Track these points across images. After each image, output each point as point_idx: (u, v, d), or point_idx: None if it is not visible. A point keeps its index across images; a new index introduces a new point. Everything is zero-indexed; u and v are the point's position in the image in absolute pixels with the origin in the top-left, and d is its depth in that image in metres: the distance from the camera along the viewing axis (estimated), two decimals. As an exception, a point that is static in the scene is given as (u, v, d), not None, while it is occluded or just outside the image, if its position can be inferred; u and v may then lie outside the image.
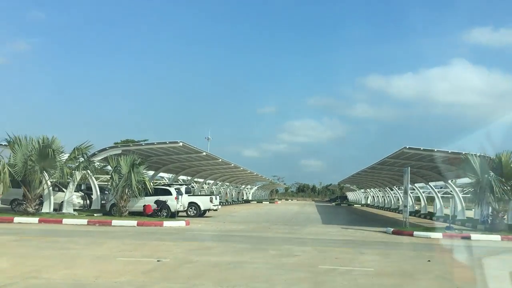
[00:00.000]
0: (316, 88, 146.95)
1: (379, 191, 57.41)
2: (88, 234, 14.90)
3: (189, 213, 26.84)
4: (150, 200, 23.52)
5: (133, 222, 18.99)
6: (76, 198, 26.75)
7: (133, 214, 22.89)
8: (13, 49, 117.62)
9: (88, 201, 28.36)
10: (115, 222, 18.93)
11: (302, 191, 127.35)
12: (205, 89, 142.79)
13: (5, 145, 20.22)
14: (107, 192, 28.34)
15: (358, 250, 12.89)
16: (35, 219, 18.60)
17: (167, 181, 42.00)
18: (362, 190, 74.46)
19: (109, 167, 24.29)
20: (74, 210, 24.96)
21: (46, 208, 22.00)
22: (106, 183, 29.43)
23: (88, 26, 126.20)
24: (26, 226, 16.98)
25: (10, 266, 8.71)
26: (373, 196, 66.51)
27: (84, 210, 26.27)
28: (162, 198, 23.81)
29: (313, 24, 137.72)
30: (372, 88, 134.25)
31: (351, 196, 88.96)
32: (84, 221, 18.87)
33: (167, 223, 19.34)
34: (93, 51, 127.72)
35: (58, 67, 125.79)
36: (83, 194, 28.24)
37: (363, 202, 73.19)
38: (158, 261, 9.59)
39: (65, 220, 18.76)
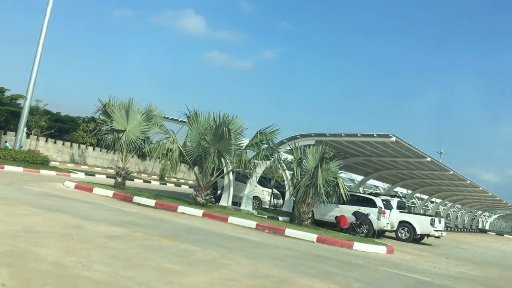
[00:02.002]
0: None
1: None
2: (239, 243, 10.27)
3: (399, 235, 20.22)
4: (347, 210, 17.99)
5: (311, 236, 13.74)
6: (268, 196, 23.19)
7: (322, 225, 17.69)
8: (260, 57, 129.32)
9: (279, 201, 24.49)
10: (289, 231, 14.03)
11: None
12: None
13: (183, 122, 17.62)
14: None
15: None
16: (199, 211, 15.19)
17: (381, 191, 35.46)
18: None
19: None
20: (264, 208, 21.36)
21: (224, 201, 18.70)
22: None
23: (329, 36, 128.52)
24: (178, 218, 13.51)
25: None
26: None
27: (273, 210, 22.39)
28: (363, 209, 18.00)
29: None
30: None
31: None
32: (252, 223, 14.55)
33: (360, 246, 13.43)
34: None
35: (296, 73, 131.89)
36: (276, 191, 24.50)
37: None
38: None
39: (231, 219, 14.80)
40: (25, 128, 24.95)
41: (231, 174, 18.67)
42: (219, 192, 21.03)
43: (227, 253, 8.31)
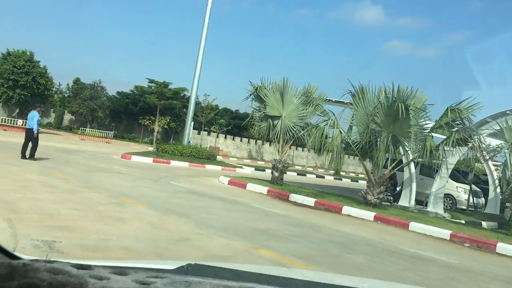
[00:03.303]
0: None
1: None
2: (426, 270, 6.61)
3: None
4: None
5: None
6: (464, 193, 18.27)
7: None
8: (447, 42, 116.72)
9: (479, 200, 19.17)
10: (503, 247, 9.53)
11: None
12: None
13: (349, 102, 14.18)
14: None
15: None
16: (370, 214, 11.69)
17: None
18: None
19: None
20: (459, 210, 16.80)
21: (405, 201, 14.76)
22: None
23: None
24: (339, 223, 10.24)
25: None
26: None
27: (472, 212, 17.44)
28: None
29: None
30: None
31: None
32: (444, 232, 10.44)
33: None
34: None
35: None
36: (476, 188, 19.26)
37: None
38: None
39: (413, 226, 10.92)
40: (192, 123, 24.74)
41: (412, 165, 14.62)
42: (398, 188, 17.08)
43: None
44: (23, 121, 34.42)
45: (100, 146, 29.06)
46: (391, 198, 15.97)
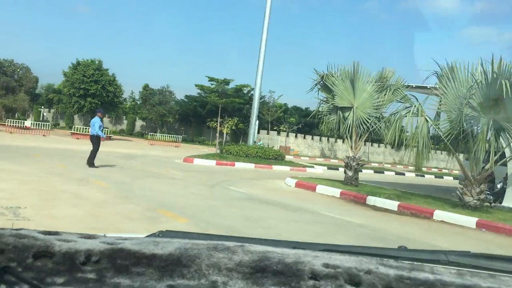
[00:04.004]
0: None
1: None
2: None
3: None
4: None
5: None
6: None
7: None
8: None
9: None
10: None
11: None
12: None
13: (434, 87, 11.72)
14: None
15: None
16: (471, 220, 9.37)
17: None
18: None
19: None
20: None
21: (509, 201, 12.12)
22: None
23: None
24: (431, 233, 8.11)
25: None
26: None
27: None
28: None
29: None
30: None
31: None
32: None
33: None
34: None
35: None
36: None
37: None
38: None
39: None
40: (257, 121, 23.25)
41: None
42: (498, 186, 14.35)
43: None
44: (94, 129, 35.10)
45: (167, 150, 28.60)
46: (491, 197, 13.34)
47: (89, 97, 36.19)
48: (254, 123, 22.47)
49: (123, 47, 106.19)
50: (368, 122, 12.95)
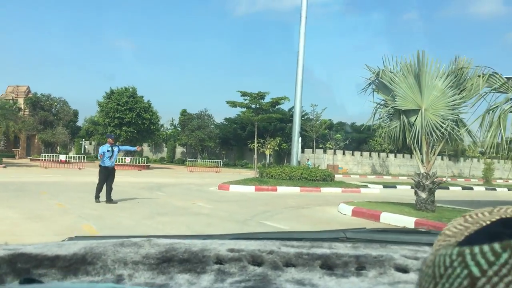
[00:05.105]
0: None
1: None
2: None
3: None
4: None
5: None
6: None
7: None
8: None
9: None
10: None
11: None
12: None
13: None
14: None
15: None
16: None
17: None
18: None
19: None
20: None
21: None
22: None
23: None
24: None
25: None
26: None
27: None
28: None
29: None
30: None
31: None
32: None
33: None
34: None
35: None
36: None
37: None
38: None
39: None
40: (300, 139, 20.54)
41: None
42: None
43: None
44: (130, 159, 33.52)
45: (205, 176, 26.35)
46: None
47: (125, 125, 34.82)
48: (296, 140, 19.78)
49: (159, 75, 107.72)
50: (442, 127, 9.95)
